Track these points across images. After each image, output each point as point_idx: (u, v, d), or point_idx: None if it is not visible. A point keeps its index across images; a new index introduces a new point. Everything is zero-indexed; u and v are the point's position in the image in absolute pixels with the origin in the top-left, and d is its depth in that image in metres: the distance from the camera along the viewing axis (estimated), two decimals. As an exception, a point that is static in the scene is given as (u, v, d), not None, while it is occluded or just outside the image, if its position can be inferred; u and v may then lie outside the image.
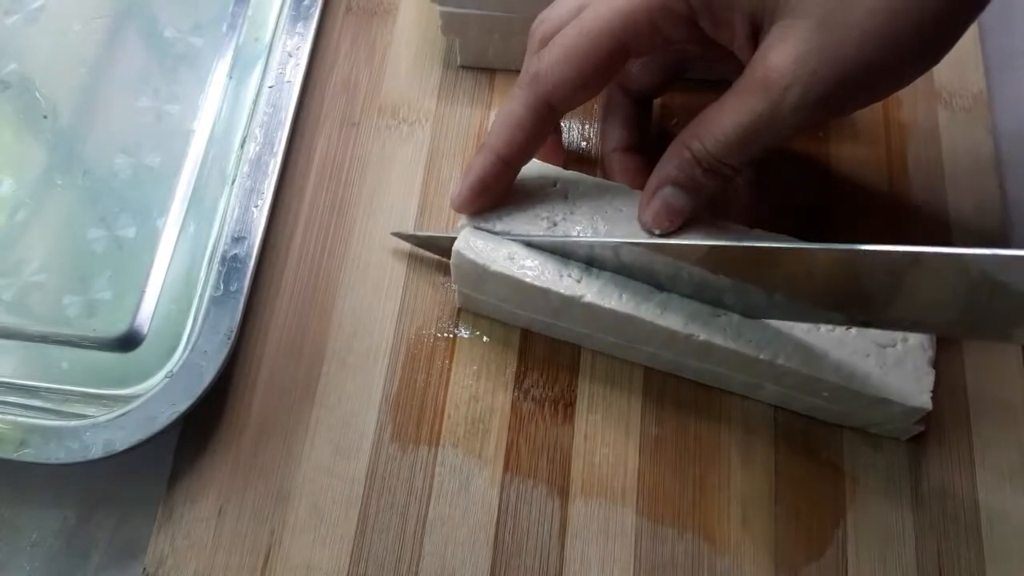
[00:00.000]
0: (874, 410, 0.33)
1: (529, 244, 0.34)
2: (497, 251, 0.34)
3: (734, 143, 0.29)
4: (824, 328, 0.33)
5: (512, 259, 0.33)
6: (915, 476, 0.35)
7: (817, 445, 0.35)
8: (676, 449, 0.35)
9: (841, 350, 0.32)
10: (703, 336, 0.32)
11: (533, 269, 0.33)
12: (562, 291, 0.33)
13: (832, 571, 0.33)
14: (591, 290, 0.33)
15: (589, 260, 0.34)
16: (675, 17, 0.30)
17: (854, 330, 0.33)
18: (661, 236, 0.33)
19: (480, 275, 0.34)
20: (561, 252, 0.34)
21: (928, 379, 0.32)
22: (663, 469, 0.35)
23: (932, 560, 0.34)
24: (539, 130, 0.33)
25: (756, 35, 0.29)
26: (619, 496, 0.35)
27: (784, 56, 0.27)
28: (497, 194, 0.34)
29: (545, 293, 0.33)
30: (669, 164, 0.32)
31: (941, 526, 0.34)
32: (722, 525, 0.34)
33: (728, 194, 0.40)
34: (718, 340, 0.32)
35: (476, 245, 0.34)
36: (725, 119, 0.29)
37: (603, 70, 0.31)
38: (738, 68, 0.30)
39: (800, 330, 0.33)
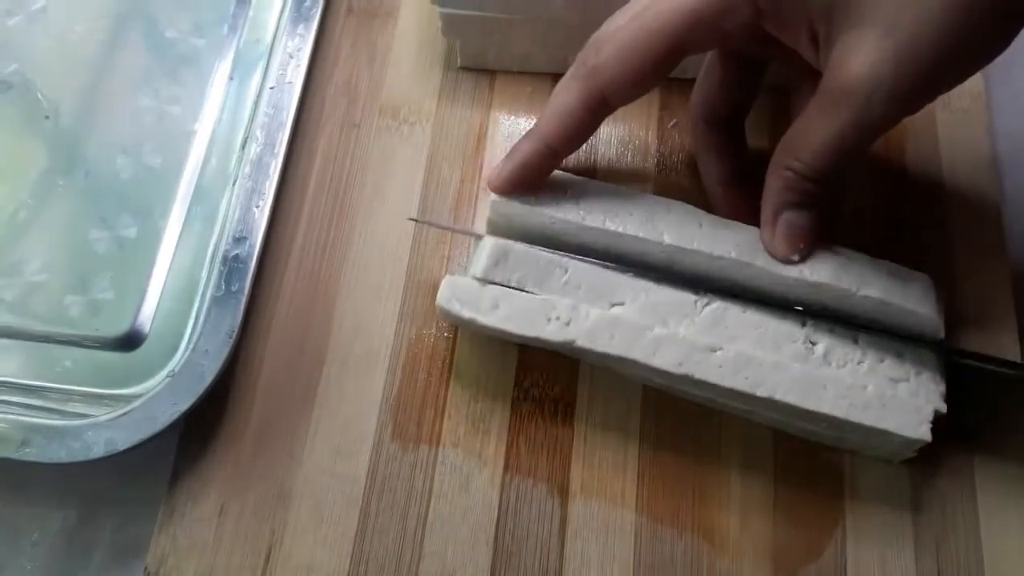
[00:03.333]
0: (872, 439, 0.33)
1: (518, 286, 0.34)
2: (480, 301, 0.33)
3: (831, 154, 0.30)
4: (828, 361, 0.33)
5: (496, 307, 0.33)
6: (914, 477, 0.35)
7: (817, 446, 0.35)
8: (676, 449, 0.35)
9: (840, 383, 0.32)
10: (698, 376, 0.32)
11: (518, 318, 0.33)
12: (550, 337, 0.33)
13: (831, 572, 0.34)
14: (580, 333, 0.33)
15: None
16: (739, 17, 0.30)
17: (859, 365, 0.33)
18: (801, 262, 0.33)
19: (467, 324, 0.34)
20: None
21: (928, 408, 0.32)
22: (663, 469, 0.35)
23: (931, 561, 0.34)
24: (590, 122, 0.33)
25: (816, 36, 0.29)
26: (619, 496, 0.35)
27: (861, 64, 0.27)
28: (537, 180, 0.34)
29: (534, 339, 0.33)
30: (777, 189, 0.32)
31: (940, 527, 0.34)
32: (722, 525, 0.34)
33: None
34: (713, 379, 0.32)
35: (459, 297, 0.33)
36: (817, 133, 0.30)
37: (660, 66, 0.31)
38: (798, 69, 0.31)
39: (798, 364, 0.32)
